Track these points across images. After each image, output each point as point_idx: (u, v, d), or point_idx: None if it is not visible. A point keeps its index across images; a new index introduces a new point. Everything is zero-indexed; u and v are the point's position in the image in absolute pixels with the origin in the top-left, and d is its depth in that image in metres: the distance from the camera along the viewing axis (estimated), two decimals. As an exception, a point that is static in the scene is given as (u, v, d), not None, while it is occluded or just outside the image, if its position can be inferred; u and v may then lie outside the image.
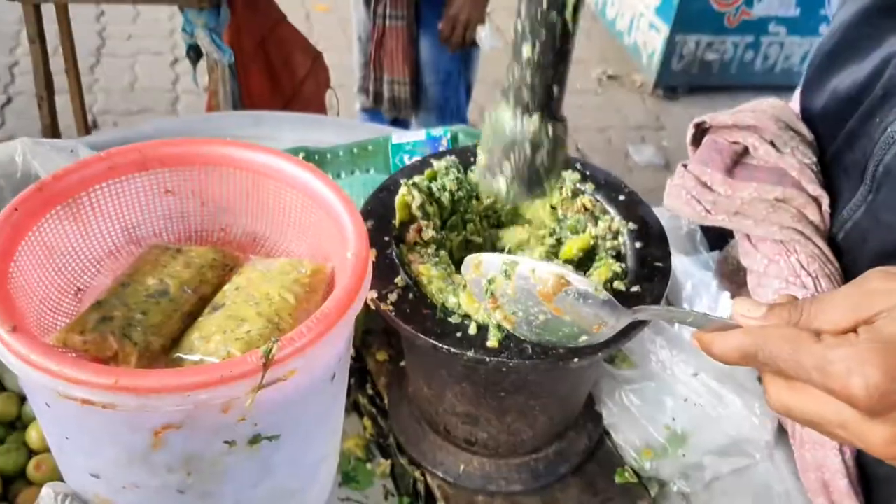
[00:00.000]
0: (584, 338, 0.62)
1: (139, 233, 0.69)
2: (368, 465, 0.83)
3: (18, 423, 0.79)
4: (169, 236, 0.70)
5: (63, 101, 2.33)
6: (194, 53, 1.87)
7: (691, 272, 0.86)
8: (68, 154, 0.83)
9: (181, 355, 0.59)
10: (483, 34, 2.13)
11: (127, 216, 0.68)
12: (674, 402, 0.78)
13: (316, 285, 0.64)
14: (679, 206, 0.83)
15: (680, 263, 0.88)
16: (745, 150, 0.86)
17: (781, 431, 0.81)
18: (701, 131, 0.92)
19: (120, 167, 0.66)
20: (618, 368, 0.82)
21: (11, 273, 0.57)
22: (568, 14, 0.54)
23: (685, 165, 0.87)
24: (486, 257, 0.64)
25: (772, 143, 0.83)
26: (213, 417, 0.52)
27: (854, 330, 0.48)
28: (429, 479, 0.80)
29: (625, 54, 4.36)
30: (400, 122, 2.83)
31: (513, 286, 0.62)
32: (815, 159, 0.82)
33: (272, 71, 2.05)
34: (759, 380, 0.82)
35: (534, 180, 0.60)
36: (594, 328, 0.61)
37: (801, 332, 0.49)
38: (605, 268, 0.72)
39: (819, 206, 0.79)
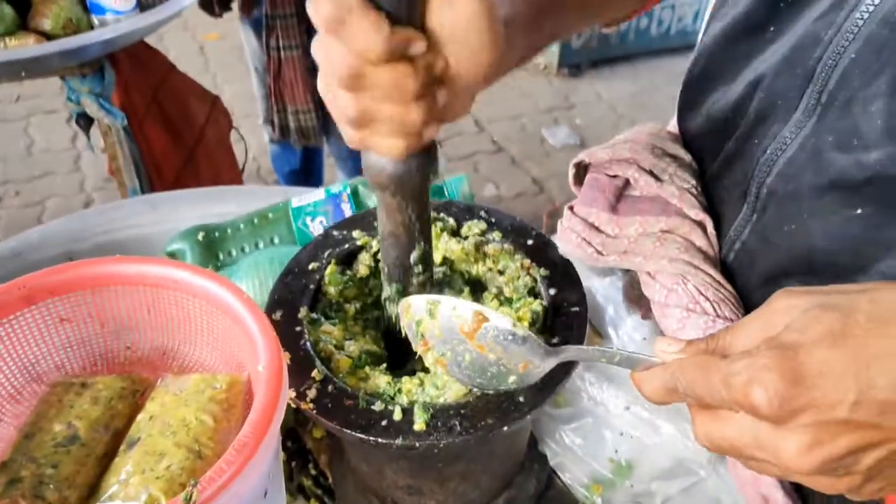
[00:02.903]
0: (512, 378, 0.62)
1: (39, 368, 0.66)
2: (323, 547, 0.82)
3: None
4: (73, 366, 0.67)
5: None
6: (84, 121, 1.80)
7: (611, 295, 0.86)
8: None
9: None
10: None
11: (23, 354, 0.65)
12: (612, 435, 0.78)
13: (233, 399, 0.62)
14: (571, 249, 0.82)
15: (600, 287, 0.88)
16: (627, 183, 0.85)
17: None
18: (582, 168, 0.91)
19: (6, 306, 0.63)
20: (554, 408, 0.82)
21: None
22: None
23: (571, 208, 0.86)
24: (413, 300, 0.64)
25: (651, 173, 0.83)
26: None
27: None
28: (385, 550, 0.79)
29: (523, 40, 4.37)
30: (311, 150, 2.79)
31: (438, 326, 0.62)
32: (694, 182, 0.82)
33: (170, 123, 1.98)
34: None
35: None
36: (520, 367, 0.61)
37: (712, 356, 0.50)
38: (525, 307, 0.71)
39: (704, 229, 0.79)
